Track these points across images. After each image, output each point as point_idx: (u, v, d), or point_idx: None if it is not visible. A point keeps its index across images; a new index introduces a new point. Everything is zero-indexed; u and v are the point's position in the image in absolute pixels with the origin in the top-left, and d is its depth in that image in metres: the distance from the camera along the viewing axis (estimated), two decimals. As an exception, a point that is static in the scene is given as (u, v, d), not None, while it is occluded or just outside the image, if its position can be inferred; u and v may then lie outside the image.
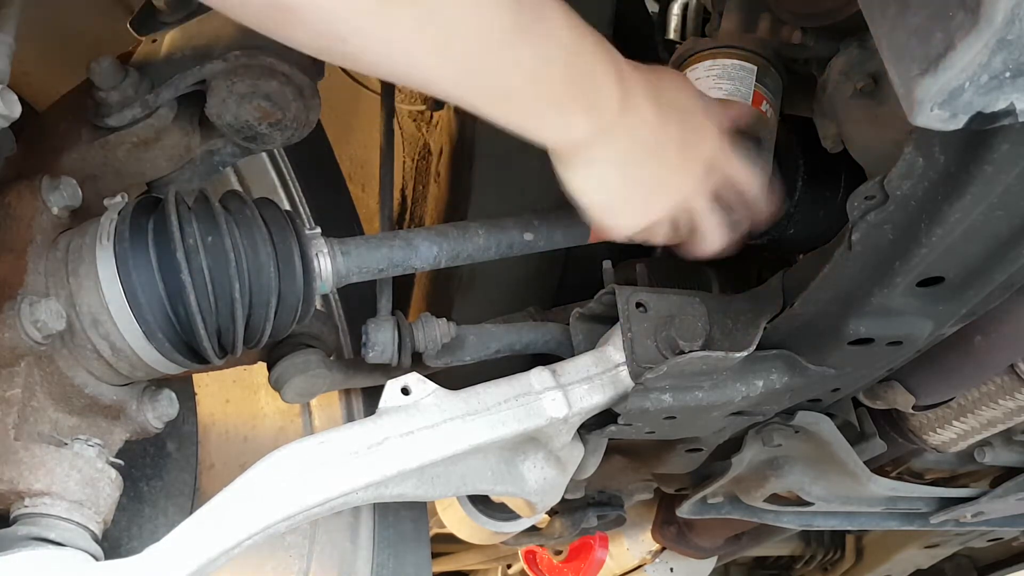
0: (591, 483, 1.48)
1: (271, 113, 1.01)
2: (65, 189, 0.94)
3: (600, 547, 2.07)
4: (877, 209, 0.77)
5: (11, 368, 0.88)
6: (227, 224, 0.91)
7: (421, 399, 0.92)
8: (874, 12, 0.59)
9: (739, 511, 1.51)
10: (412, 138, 1.65)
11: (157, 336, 0.90)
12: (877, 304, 0.86)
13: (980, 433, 1.23)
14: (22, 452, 0.85)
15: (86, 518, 0.86)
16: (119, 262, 0.88)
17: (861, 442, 1.29)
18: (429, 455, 0.89)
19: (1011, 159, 0.66)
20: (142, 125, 0.98)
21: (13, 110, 0.84)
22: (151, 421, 1.00)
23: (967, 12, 0.51)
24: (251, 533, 0.82)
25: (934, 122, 0.56)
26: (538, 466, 1.05)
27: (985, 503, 1.45)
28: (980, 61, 0.52)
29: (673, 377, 0.96)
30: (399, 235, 1.02)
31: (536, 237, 1.05)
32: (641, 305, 0.99)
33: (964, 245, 0.76)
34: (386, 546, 1.34)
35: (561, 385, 0.98)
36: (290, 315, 0.96)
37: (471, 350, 1.12)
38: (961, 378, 1.09)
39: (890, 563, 2.16)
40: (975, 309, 0.88)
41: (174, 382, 1.07)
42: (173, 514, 1.29)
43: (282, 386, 1.12)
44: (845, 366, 1.00)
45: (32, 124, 1.02)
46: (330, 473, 0.85)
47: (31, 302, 0.85)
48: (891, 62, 0.58)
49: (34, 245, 0.91)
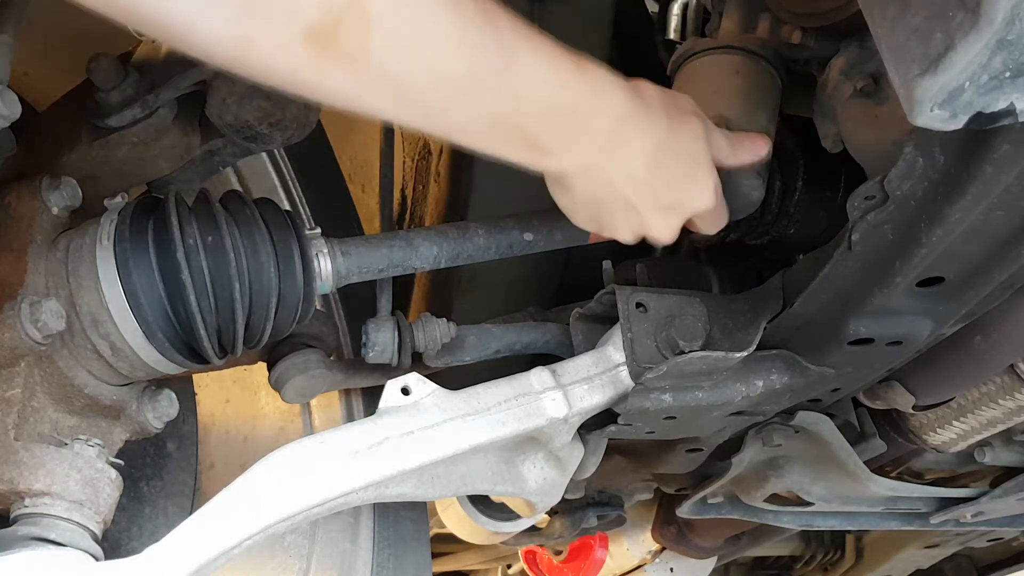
0: (591, 483, 1.48)
1: (271, 113, 1.01)
2: (65, 189, 0.94)
3: (600, 547, 2.07)
4: (877, 209, 0.77)
5: (11, 368, 0.88)
6: (227, 224, 0.91)
7: (421, 399, 0.92)
8: (874, 12, 0.59)
9: (739, 511, 1.51)
10: (412, 138, 1.65)
11: (157, 336, 0.90)
12: (877, 304, 0.86)
13: (980, 433, 1.23)
14: (22, 452, 0.85)
15: (86, 518, 0.86)
16: (119, 262, 0.88)
17: (861, 442, 1.29)
18: (429, 455, 0.89)
19: (1011, 159, 0.66)
20: (142, 125, 0.97)
21: (13, 110, 0.84)
22: (151, 421, 1.00)
23: (967, 12, 0.52)
24: (251, 533, 0.82)
25: (934, 122, 0.56)
26: (538, 466, 1.05)
27: (985, 503, 1.45)
28: (980, 61, 0.52)
29: (673, 377, 0.96)
30: (399, 235, 1.02)
31: (536, 237, 1.05)
32: (641, 305, 0.99)
33: (964, 245, 0.76)
34: (386, 546, 1.34)
35: (561, 385, 0.98)
36: (290, 315, 0.96)
37: (471, 350, 1.12)
38: (961, 378, 1.09)
39: (890, 563, 2.16)
40: (975, 309, 0.88)
41: (174, 382, 1.07)
42: (173, 514, 1.29)
43: (282, 386, 1.12)
44: (845, 366, 1.00)
45: (32, 124, 1.02)
46: (330, 473, 0.85)
47: (31, 302, 0.85)
48: (891, 62, 0.58)
49: (34, 245, 0.91)
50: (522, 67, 0.69)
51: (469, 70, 0.66)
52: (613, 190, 0.82)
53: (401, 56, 0.63)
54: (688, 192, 0.86)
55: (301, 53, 0.60)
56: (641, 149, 0.80)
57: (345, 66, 0.62)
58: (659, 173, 0.82)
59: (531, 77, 0.70)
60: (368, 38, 0.61)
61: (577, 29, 1.30)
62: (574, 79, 0.73)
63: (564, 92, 0.72)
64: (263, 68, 0.62)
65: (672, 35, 1.34)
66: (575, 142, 0.77)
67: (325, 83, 0.63)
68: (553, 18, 1.27)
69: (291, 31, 0.59)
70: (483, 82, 0.68)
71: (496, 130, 0.72)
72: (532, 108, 0.71)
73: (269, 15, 0.58)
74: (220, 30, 0.58)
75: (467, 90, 0.67)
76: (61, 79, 1.08)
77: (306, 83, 0.64)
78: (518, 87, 0.69)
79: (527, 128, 0.73)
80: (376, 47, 0.61)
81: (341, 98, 0.66)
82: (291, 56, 0.60)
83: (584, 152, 0.78)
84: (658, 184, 0.83)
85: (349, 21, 0.60)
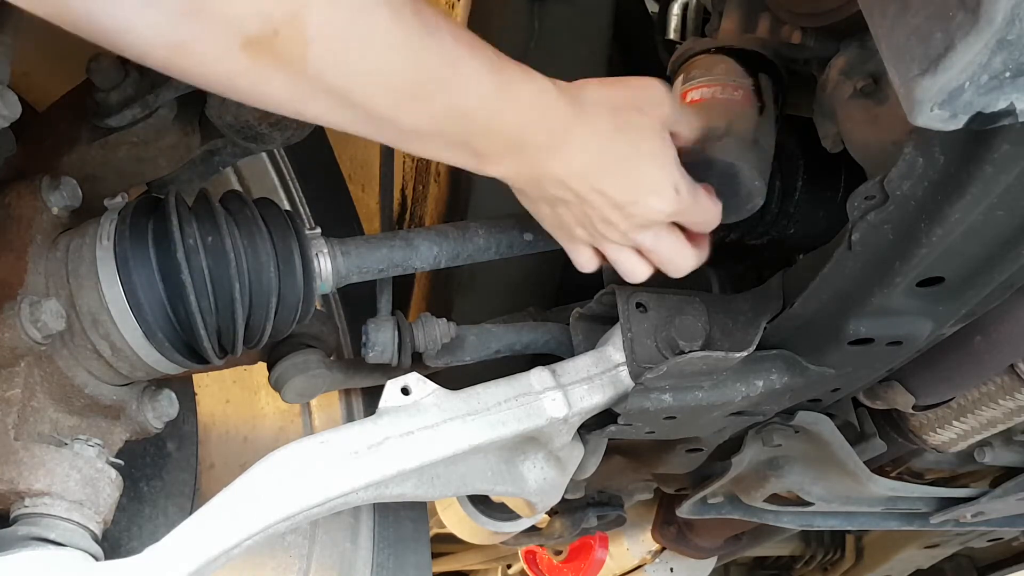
0: (591, 483, 1.48)
1: (271, 113, 1.01)
2: (65, 189, 0.94)
3: (600, 547, 2.07)
4: (877, 209, 0.77)
5: (11, 368, 0.88)
6: (227, 224, 0.91)
7: (421, 399, 0.92)
8: (874, 12, 0.59)
9: (739, 511, 1.51)
10: (412, 138, 1.64)
11: (157, 336, 0.90)
12: (877, 304, 0.86)
13: (980, 433, 1.23)
14: (22, 452, 0.85)
15: (86, 518, 0.86)
16: (119, 262, 0.88)
17: (861, 442, 1.29)
18: (429, 455, 0.89)
19: (1011, 159, 0.66)
20: (142, 125, 0.97)
21: (13, 110, 0.84)
22: (151, 421, 1.00)
23: (967, 12, 0.51)
24: (251, 533, 0.82)
25: (934, 122, 0.56)
26: (538, 466, 1.05)
27: (985, 503, 1.45)
28: (980, 61, 0.52)
29: (673, 377, 0.96)
30: (399, 235, 1.02)
31: (536, 237, 1.05)
32: (641, 305, 0.99)
33: (964, 245, 0.76)
34: (386, 546, 1.34)
35: (561, 385, 0.98)
36: (290, 315, 0.96)
37: (471, 350, 1.12)
38: (961, 378, 1.09)
39: (890, 563, 2.16)
40: (975, 309, 0.88)
41: (174, 382, 1.07)
42: (173, 514, 1.29)
43: (282, 386, 1.12)
44: (845, 366, 1.00)
45: (32, 124, 1.02)
46: (330, 473, 0.85)
47: (31, 302, 0.85)
48: (891, 62, 0.58)
49: (34, 245, 0.91)
50: (462, 78, 0.69)
51: (410, 80, 0.67)
52: (560, 194, 0.82)
53: (340, 66, 0.64)
54: (639, 191, 0.83)
55: (239, 60, 0.61)
56: (581, 154, 0.79)
57: (283, 74, 0.63)
58: (604, 175, 0.81)
59: (471, 88, 0.70)
60: (306, 48, 0.61)
61: (577, 29, 1.30)
62: (512, 91, 0.73)
63: (502, 106, 0.73)
64: (199, 73, 0.62)
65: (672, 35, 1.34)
66: (515, 151, 0.77)
67: (263, 90, 0.64)
68: (553, 18, 1.27)
69: (228, 38, 0.59)
70: (424, 92, 0.68)
71: (437, 138, 0.73)
72: (472, 119, 0.72)
73: (206, 21, 0.59)
74: (155, 35, 0.59)
75: (408, 99, 0.68)
76: (61, 79, 1.08)
77: (243, 89, 0.65)
78: (458, 99, 0.70)
79: (467, 137, 0.73)
80: (314, 56, 0.62)
81: (280, 105, 0.66)
82: (228, 63, 0.61)
83: (523, 161, 0.78)
84: (605, 186, 0.82)
85: (287, 31, 0.60)
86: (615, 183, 0.81)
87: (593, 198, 0.82)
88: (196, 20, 0.58)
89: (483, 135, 0.74)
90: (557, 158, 0.78)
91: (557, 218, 0.87)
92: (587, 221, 0.85)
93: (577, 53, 1.28)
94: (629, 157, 0.82)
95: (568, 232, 0.89)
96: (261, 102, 0.66)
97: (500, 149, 0.76)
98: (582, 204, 0.82)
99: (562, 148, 0.78)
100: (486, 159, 0.76)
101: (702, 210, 0.90)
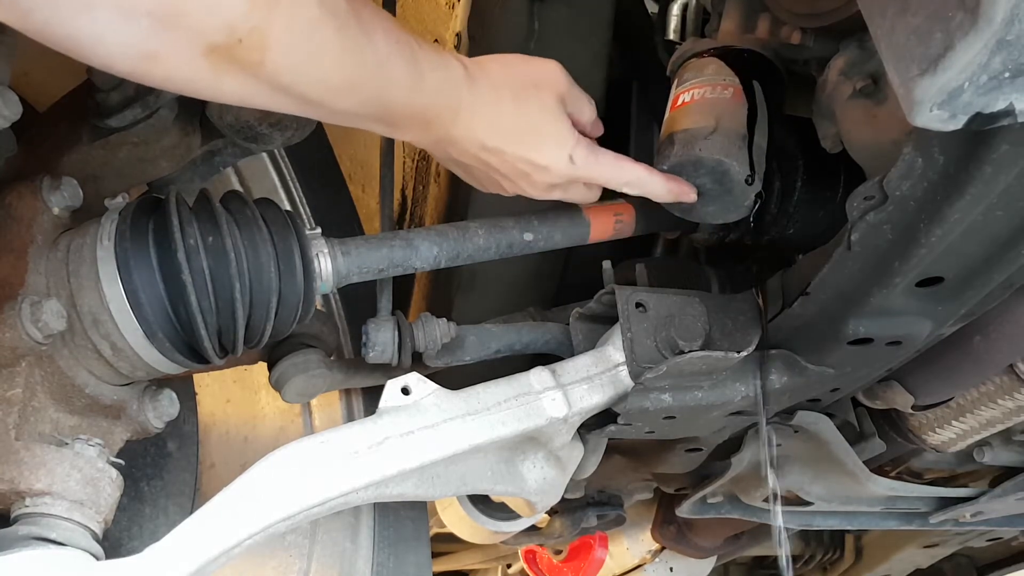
0: (591, 483, 1.49)
1: (271, 113, 1.01)
2: (66, 189, 0.94)
3: (600, 547, 2.07)
4: (876, 209, 0.77)
5: (12, 368, 0.88)
6: (228, 224, 0.91)
7: (421, 399, 0.92)
8: (874, 12, 0.59)
9: (739, 511, 1.51)
10: (412, 138, 1.64)
11: (158, 336, 0.90)
12: (876, 304, 0.86)
13: (979, 433, 1.23)
14: (23, 452, 0.85)
15: (87, 518, 0.86)
16: (120, 262, 0.88)
17: (860, 442, 1.29)
18: (429, 455, 0.90)
19: (1011, 159, 0.66)
20: (143, 125, 0.98)
21: (13, 110, 0.84)
22: (152, 421, 1.00)
23: (967, 12, 0.52)
24: (251, 533, 0.82)
25: (933, 122, 0.56)
26: (538, 466, 1.05)
27: (984, 503, 1.45)
28: (979, 61, 0.52)
29: (673, 377, 0.97)
30: (399, 235, 1.02)
31: (536, 237, 1.05)
32: (641, 305, 0.99)
33: (963, 245, 0.76)
34: (386, 546, 1.34)
35: (561, 385, 0.98)
36: (290, 315, 0.96)
37: (471, 350, 1.12)
38: (960, 378, 1.09)
39: (889, 563, 2.16)
40: (975, 309, 0.88)
41: (175, 382, 1.07)
42: (173, 514, 1.29)
43: (282, 386, 1.12)
44: (844, 366, 1.00)
45: (33, 124, 1.02)
46: (330, 473, 0.85)
47: (32, 302, 0.85)
48: (891, 62, 0.58)
49: (35, 245, 0.91)
50: (387, 73, 0.80)
51: (346, 78, 0.77)
52: (461, 158, 0.93)
53: (291, 69, 0.72)
54: (536, 156, 0.92)
55: (201, 66, 0.67)
56: (484, 125, 0.90)
57: (240, 77, 0.70)
58: (499, 140, 0.91)
59: (392, 81, 0.81)
60: (264, 55, 0.69)
61: (577, 29, 1.30)
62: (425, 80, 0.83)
63: (415, 92, 0.83)
64: (163, 79, 0.68)
65: (672, 35, 1.34)
66: (422, 124, 0.87)
67: (219, 89, 0.71)
68: (553, 18, 1.27)
69: (194, 47, 0.66)
70: (355, 86, 0.78)
71: (360, 116, 0.83)
72: (390, 103, 0.82)
73: (177, 33, 0.64)
74: (128, 46, 0.64)
75: (343, 92, 0.78)
76: (61, 79, 1.08)
77: (200, 90, 0.71)
78: (384, 86, 0.80)
79: (384, 115, 0.84)
80: (269, 62, 0.69)
81: (230, 100, 0.73)
82: (192, 69, 0.67)
83: (429, 130, 0.88)
84: (507, 152, 0.92)
85: (249, 41, 0.67)
86: (510, 148, 0.92)
87: (493, 160, 0.92)
88: (168, 32, 0.64)
89: (398, 113, 0.84)
90: (457, 127, 0.89)
91: (474, 179, 0.98)
92: (505, 179, 0.95)
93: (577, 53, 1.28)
94: (522, 126, 0.92)
95: (498, 187, 0.98)
96: (213, 98, 0.73)
97: (410, 122, 0.86)
98: (485, 167, 0.94)
99: (460, 118, 0.89)
100: (398, 129, 0.87)
101: (607, 171, 0.97)
